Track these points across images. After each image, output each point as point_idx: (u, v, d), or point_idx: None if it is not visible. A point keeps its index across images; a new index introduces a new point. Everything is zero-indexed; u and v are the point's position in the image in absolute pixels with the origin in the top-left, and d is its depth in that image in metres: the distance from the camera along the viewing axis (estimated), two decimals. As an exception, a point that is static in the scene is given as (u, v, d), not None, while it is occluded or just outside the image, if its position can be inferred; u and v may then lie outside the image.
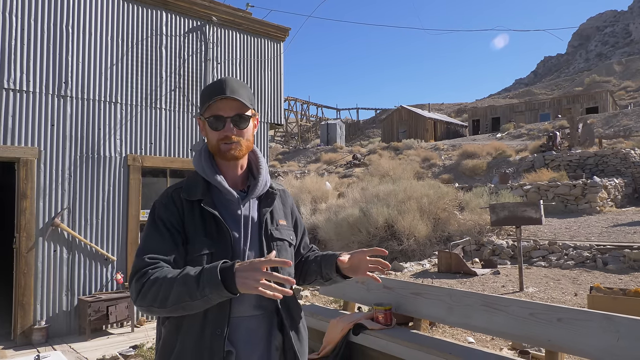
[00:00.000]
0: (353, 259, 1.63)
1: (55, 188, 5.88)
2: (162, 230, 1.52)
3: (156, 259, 1.45)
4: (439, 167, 25.05)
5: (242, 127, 1.60)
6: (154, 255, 1.46)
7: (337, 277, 1.68)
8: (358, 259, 1.62)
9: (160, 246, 1.49)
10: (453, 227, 11.06)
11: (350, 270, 1.64)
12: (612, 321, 2.72)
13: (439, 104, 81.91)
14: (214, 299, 1.33)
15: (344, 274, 1.67)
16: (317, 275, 1.73)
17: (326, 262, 1.70)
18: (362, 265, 1.62)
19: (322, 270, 1.71)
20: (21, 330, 5.53)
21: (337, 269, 1.67)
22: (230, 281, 1.29)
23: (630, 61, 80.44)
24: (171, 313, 1.41)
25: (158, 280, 1.38)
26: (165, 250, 1.48)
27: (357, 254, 1.63)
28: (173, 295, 1.35)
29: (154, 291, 1.38)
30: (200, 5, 7.07)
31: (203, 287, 1.31)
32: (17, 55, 5.66)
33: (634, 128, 28.29)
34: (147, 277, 1.41)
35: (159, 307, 1.38)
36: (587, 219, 12.22)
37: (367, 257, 1.61)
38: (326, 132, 42.41)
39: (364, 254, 1.61)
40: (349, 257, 1.63)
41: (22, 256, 5.60)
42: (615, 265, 8.03)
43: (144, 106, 6.62)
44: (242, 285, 1.28)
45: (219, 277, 1.30)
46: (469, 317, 3.50)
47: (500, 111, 45.97)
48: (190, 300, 1.34)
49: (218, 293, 1.31)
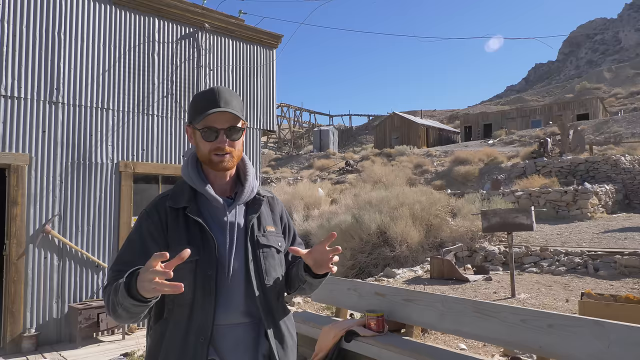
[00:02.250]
0: (314, 252, 1.57)
1: (46, 195, 5.84)
2: (136, 241, 1.55)
3: (121, 271, 1.46)
4: (432, 174, 25.14)
5: (235, 138, 1.61)
6: (122, 267, 1.48)
7: (307, 275, 1.62)
8: (319, 252, 1.56)
9: (129, 257, 1.51)
10: (445, 233, 11.08)
11: (316, 265, 1.58)
12: (603, 327, 2.73)
13: (432, 111, 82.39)
14: (129, 307, 1.35)
15: (314, 273, 1.61)
16: (297, 279, 1.69)
17: (299, 264, 1.67)
18: (324, 257, 1.56)
19: (298, 273, 1.67)
20: (11, 338, 5.47)
21: (307, 268, 1.62)
22: (133, 287, 1.31)
23: (620, 68, 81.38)
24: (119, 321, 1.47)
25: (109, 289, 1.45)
26: (133, 261, 1.49)
27: (316, 247, 1.57)
28: (111, 304, 1.41)
29: (106, 300, 1.45)
30: (193, 12, 7.08)
31: (118, 296, 1.35)
32: (9, 61, 5.64)
33: (624, 135, 28.59)
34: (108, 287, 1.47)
35: (111, 315, 1.45)
36: (579, 225, 12.30)
37: (327, 248, 1.56)
38: (319, 139, 42.49)
39: (322, 244, 1.55)
40: (309, 251, 1.57)
41: (12, 263, 5.55)
42: (607, 272, 8.08)
43: (136, 113, 6.61)
44: (141, 289, 1.28)
45: (124, 283, 1.33)
46: (460, 324, 3.51)
47: (492, 118, 46.30)
48: (118, 308, 1.38)
49: (127, 300, 1.33)
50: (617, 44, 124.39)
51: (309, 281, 1.66)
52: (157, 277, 1.23)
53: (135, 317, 1.41)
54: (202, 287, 1.50)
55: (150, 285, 1.25)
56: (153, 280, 1.24)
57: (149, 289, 1.26)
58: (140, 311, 1.38)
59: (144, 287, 1.27)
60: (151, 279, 1.24)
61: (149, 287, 1.25)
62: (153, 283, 1.24)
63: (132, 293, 1.31)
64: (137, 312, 1.38)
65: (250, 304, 1.57)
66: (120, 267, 1.50)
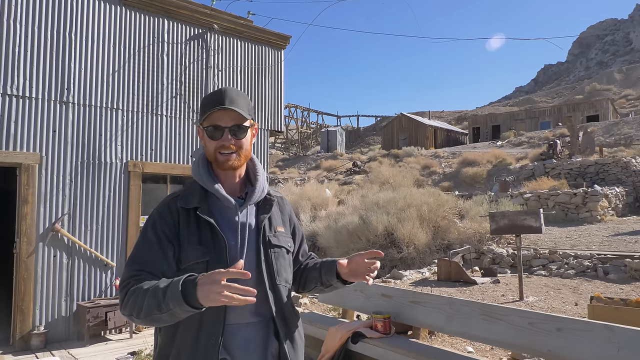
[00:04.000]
0: (352, 262, 1.65)
1: (56, 194, 5.89)
2: (152, 240, 1.54)
3: (141, 270, 1.47)
4: (439, 175, 25.06)
5: (240, 137, 1.61)
6: (140, 266, 1.49)
7: (338, 282, 1.69)
8: (356, 263, 1.64)
9: (148, 257, 1.51)
10: (453, 235, 11.04)
11: (350, 274, 1.65)
12: (613, 332, 2.71)
13: (439, 112, 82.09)
14: (178, 313, 1.33)
15: (344, 280, 1.68)
16: (317, 282, 1.74)
17: (326, 269, 1.71)
18: (361, 269, 1.63)
19: (322, 277, 1.71)
20: (20, 335, 5.52)
21: (337, 274, 1.68)
22: (192, 295, 1.29)
23: (631, 69, 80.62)
24: (146, 323, 1.44)
25: (136, 291, 1.41)
26: (152, 261, 1.50)
27: (355, 257, 1.65)
28: (145, 307, 1.37)
29: (132, 301, 1.41)
30: (202, 13, 7.11)
31: (167, 301, 1.32)
32: (20, 61, 5.69)
33: (634, 136, 28.32)
34: (129, 287, 1.44)
35: (136, 317, 1.42)
36: (588, 227, 12.20)
37: (365, 260, 1.63)
38: (326, 139, 42.50)
39: (362, 257, 1.63)
40: (348, 261, 1.66)
41: (22, 261, 5.60)
42: (616, 275, 8.01)
43: (145, 113, 6.65)
44: (204, 299, 1.27)
45: (180, 291, 1.30)
46: (468, 327, 3.49)
47: (501, 119, 46.04)
48: (159, 313, 1.35)
49: (181, 307, 1.31)
50: (628, 45, 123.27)
51: (335, 286, 1.72)
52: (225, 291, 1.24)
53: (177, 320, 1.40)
54: None
55: (217, 297, 1.25)
56: (222, 293, 1.24)
57: (214, 300, 1.26)
58: (186, 316, 1.38)
59: (209, 297, 1.26)
60: (220, 291, 1.24)
61: (215, 299, 1.25)
62: (221, 296, 1.24)
63: (188, 300, 1.29)
64: (184, 316, 1.38)
65: (261, 304, 1.57)
66: (138, 267, 1.49)
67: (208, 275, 1.29)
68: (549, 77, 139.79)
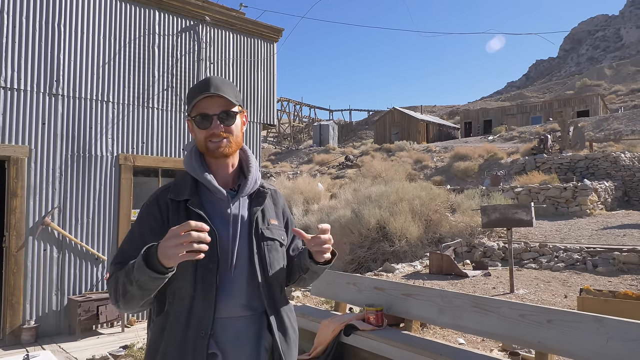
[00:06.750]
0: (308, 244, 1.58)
1: (45, 187, 5.83)
2: (137, 235, 1.55)
3: (125, 263, 1.46)
4: (431, 169, 25.14)
5: (229, 123, 1.59)
6: (123, 259, 1.49)
7: (310, 262, 1.62)
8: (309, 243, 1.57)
9: (131, 251, 1.50)
10: (444, 228, 11.09)
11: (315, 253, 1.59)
12: (602, 323, 2.74)
13: (432, 106, 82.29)
14: (145, 282, 1.33)
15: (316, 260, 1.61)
16: (298, 269, 1.70)
17: (301, 253, 1.70)
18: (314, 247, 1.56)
19: (301, 262, 1.67)
20: (10, 329, 5.48)
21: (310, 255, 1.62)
22: (153, 257, 1.30)
23: (621, 65, 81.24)
24: (127, 308, 1.45)
25: (116, 276, 1.44)
26: (135, 255, 1.47)
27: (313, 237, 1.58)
28: (121, 287, 1.39)
29: (113, 288, 1.44)
30: (194, 4, 7.05)
31: (134, 272, 1.33)
32: (9, 53, 5.61)
33: (624, 132, 28.57)
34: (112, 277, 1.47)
35: (119, 302, 1.43)
36: (578, 221, 12.31)
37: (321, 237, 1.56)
38: (319, 133, 42.42)
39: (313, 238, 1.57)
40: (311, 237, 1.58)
41: (12, 255, 5.55)
42: (605, 268, 8.10)
43: (136, 105, 6.59)
44: (163, 257, 1.28)
45: (142, 256, 1.32)
46: (459, 318, 3.52)
47: (492, 114, 46.23)
48: (131, 287, 1.36)
49: (145, 273, 1.31)
50: (619, 41, 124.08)
51: (312, 269, 1.65)
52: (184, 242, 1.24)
53: (147, 296, 1.40)
54: (202, 280, 1.48)
55: (175, 251, 1.25)
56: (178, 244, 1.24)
57: (173, 255, 1.26)
58: (155, 286, 1.36)
59: (167, 253, 1.26)
60: (178, 243, 1.25)
61: (174, 252, 1.25)
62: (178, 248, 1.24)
63: (151, 264, 1.30)
64: (152, 287, 1.36)
65: (253, 297, 1.56)
66: (122, 259, 1.50)
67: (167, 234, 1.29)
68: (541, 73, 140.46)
